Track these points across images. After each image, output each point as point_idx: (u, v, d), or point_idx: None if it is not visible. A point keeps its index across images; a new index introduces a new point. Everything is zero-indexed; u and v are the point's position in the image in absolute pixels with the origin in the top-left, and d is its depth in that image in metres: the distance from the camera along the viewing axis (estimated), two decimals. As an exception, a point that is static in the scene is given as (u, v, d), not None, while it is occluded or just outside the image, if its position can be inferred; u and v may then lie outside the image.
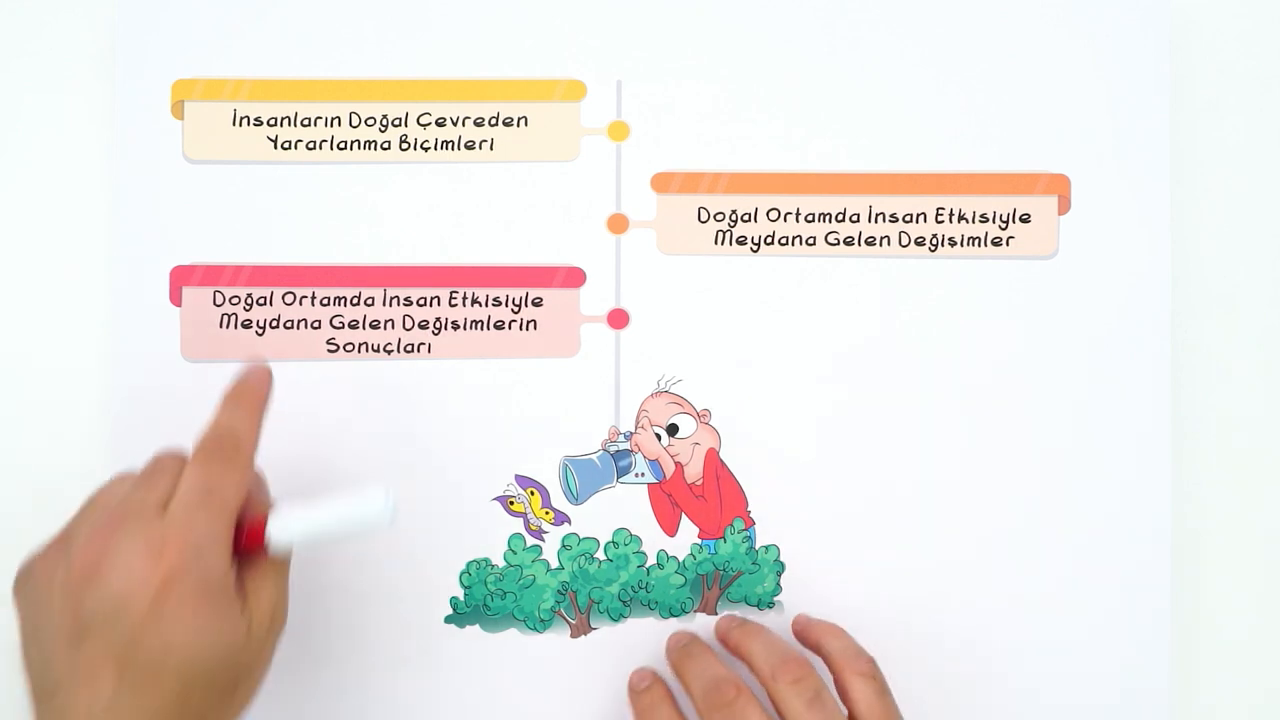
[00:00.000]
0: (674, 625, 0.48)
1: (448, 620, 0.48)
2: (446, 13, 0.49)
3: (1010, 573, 0.48)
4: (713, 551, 0.49)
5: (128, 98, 0.48)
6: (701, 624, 0.48)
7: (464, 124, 0.49)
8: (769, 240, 0.49)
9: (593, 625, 0.48)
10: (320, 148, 0.49)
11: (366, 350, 0.48)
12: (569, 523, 0.48)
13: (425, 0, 0.49)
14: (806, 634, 0.46)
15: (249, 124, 0.49)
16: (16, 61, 0.50)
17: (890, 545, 0.48)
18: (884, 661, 0.47)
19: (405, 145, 0.49)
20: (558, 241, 0.49)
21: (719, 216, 0.49)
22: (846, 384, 0.49)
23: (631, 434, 0.49)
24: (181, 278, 0.48)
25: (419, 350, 0.48)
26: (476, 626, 0.48)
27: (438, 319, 0.48)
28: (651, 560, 0.49)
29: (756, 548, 0.49)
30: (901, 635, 0.48)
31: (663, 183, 0.49)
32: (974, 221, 0.49)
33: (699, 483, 0.49)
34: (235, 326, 0.48)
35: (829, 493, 0.48)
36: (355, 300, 0.48)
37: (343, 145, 0.49)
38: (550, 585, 0.48)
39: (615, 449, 0.49)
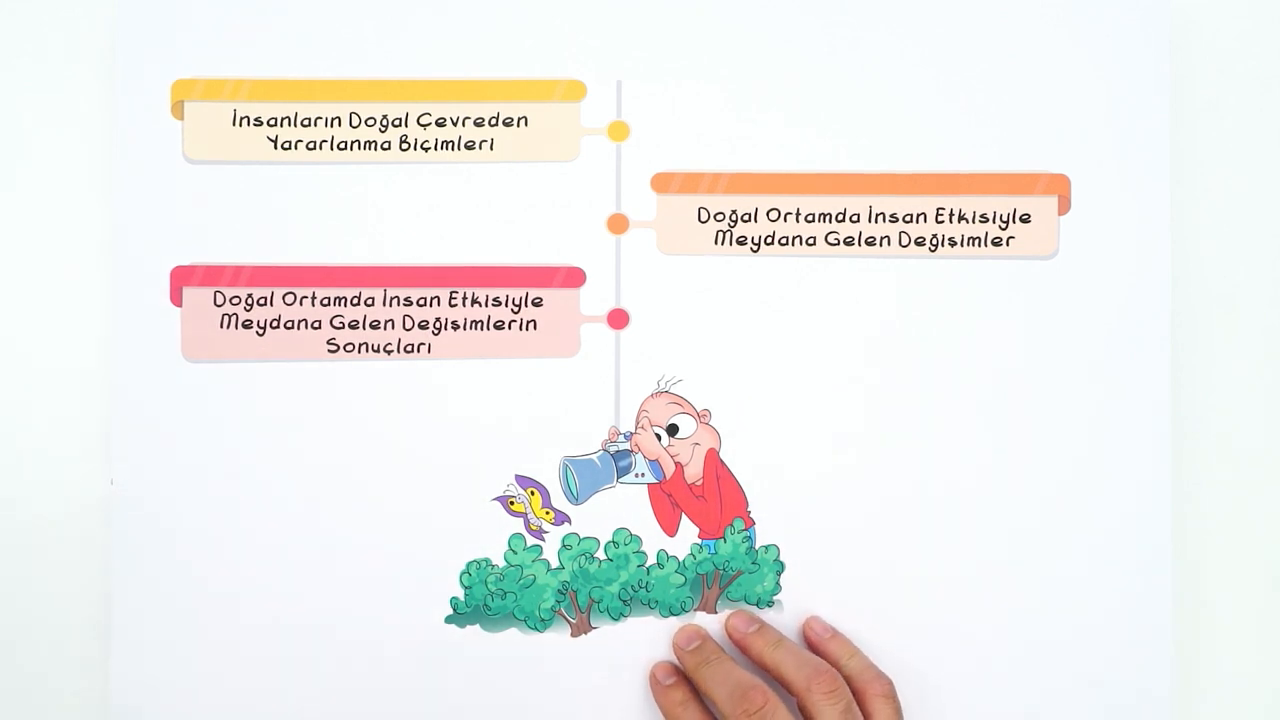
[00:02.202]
0: (674, 624, 0.48)
1: (448, 620, 0.48)
2: (447, 12, 0.49)
3: (1009, 572, 0.49)
4: (713, 551, 0.49)
5: (128, 98, 0.48)
6: (701, 622, 0.48)
7: (464, 124, 0.49)
8: (769, 240, 0.49)
9: (593, 624, 0.48)
10: (320, 148, 0.49)
11: (366, 350, 0.48)
12: (569, 523, 0.48)
13: (426, 0, 0.49)
14: (823, 649, 0.47)
15: (249, 124, 0.49)
16: (16, 61, 0.50)
17: (889, 545, 0.48)
18: (884, 661, 0.47)
19: (405, 145, 0.49)
20: (558, 241, 0.49)
21: (719, 216, 0.49)
22: (846, 384, 0.49)
23: (631, 434, 0.49)
24: (182, 278, 0.48)
25: (419, 350, 0.48)
26: (476, 626, 0.48)
27: (438, 319, 0.48)
28: (651, 560, 0.49)
29: (756, 548, 0.49)
30: (901, 636, 0.48)
31: (663, 183, 0.49)
32: (974, 221, 0.49)
33: (699, 483, 0.49)
34: (236, 327, 0.48)
35: (829, 492, 0.48)
36: (355, 300, 0.48)
37: (343, 145, 0.49)
38: (550, 585, 0.48)
39: (615, 449, 0.49)
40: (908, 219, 0.49)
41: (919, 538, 0.48)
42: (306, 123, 0.49)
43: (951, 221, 0.49)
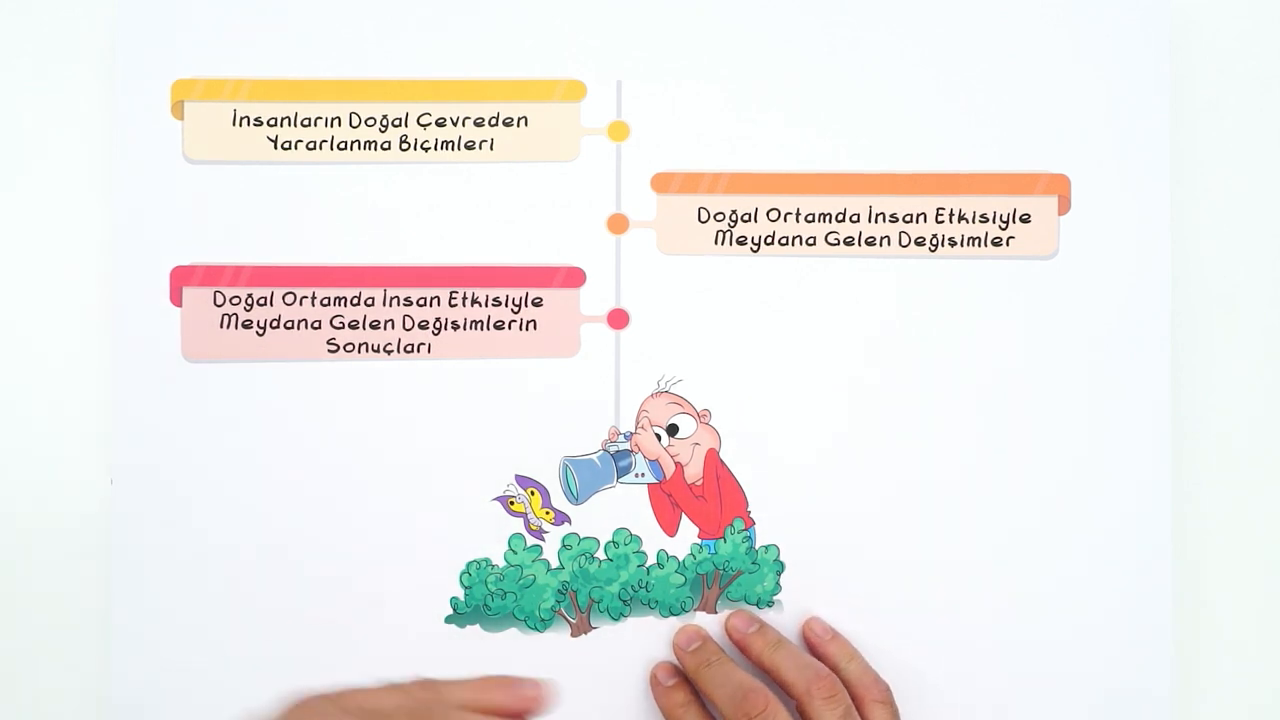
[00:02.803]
0: (674, 624, 0.48)
1: (448, 620, 0.48)
2: (446, 13, 0.49)
3: (1009, 572, 0.48)
4: (713, 551, 0.49)
5: (128, 98, 0.48)
6: (701, 623, 0.48)
7: (464, 124, 0.49)
8: (769, 240, 0.49)
9: (593, 624, 0.48)
10: (320, 148, 0.49)
11: (366, 350, 0.48)
12: (569, 523, 0.48)
13: (425, 0, 0.49)
14: (823, 651, 0.47)
15: (249, 124, 0.48)
16: (16, 61, 0.50)
17: (890, 545, 0.48)
18: (883, 662, 0.47)
19: (405, 145, 0.49)
20: (558, 241, 0.49)
21: (719, 216, 0.49)
22: (846, 384, 0.49)
23: (631, 434, 0.49)
24: (181, 278, 0.48)
25: (419, 350, 0.48)
26: (476, 626, 0.48)
27: (438, 319, 0.48)
28: (651, 560, 0.49)
29: (756, 547, 0.49)
30: (901, 636, 0.48)
31: (663, 183, 0.49)
32: (974, 221, 0.49)
33: (699, 483, 0.49)
34: (235, 327, 0.48)
35: (829, 492, 0.48)
36: (355, 300, 0.48)
37: (343, 145, 0.49)
38: (550, 585, 0.48)
39: (615, 449, 0.49)
40: (908, 219, 0.49)
41: (919, 538, 0.48)
42: (306, 123, 0.49)
43: (951, 221, 0.49)
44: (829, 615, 0.48)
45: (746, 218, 0.49)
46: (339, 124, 0.49)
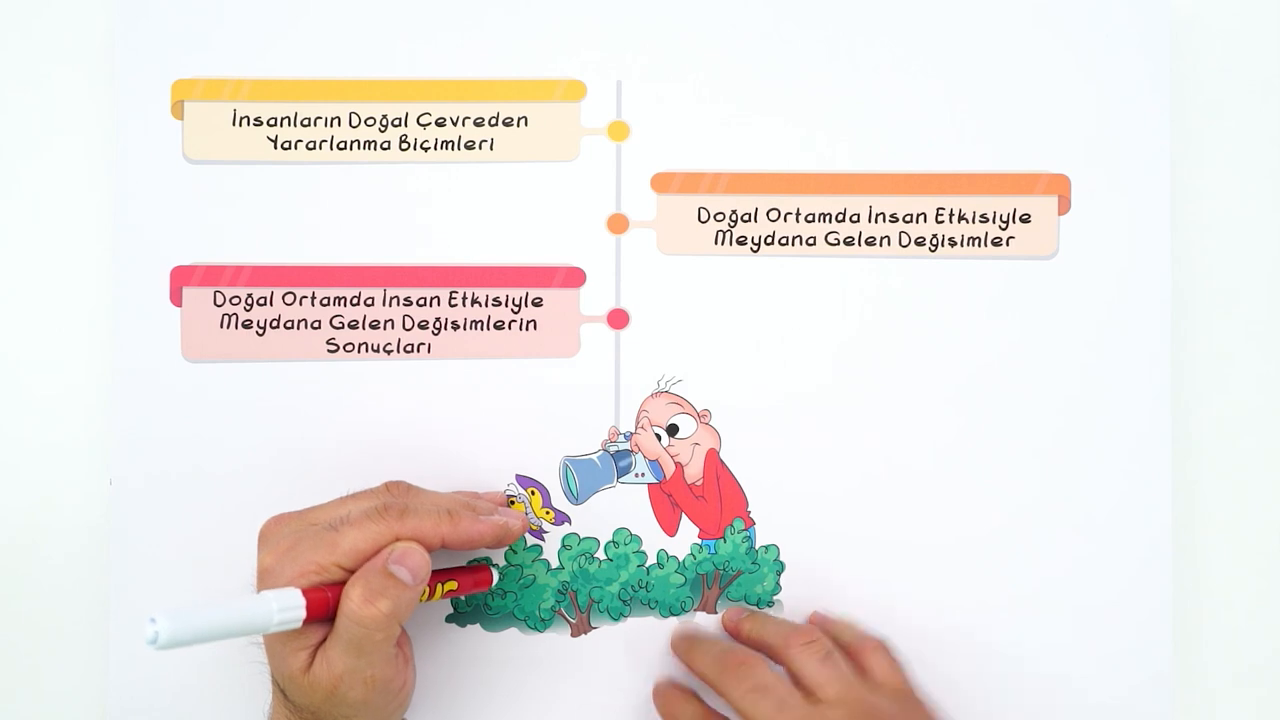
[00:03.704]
0: (674, 624, 0.48)
1: (448, 620, 0.48)
2: (446, 13, 0.49)
3: (1010, 572, 0.49)
4: (713, 551, 0.49)
5: (128, 98, 0.48)
6: (702, 622, 0.48)
7: (464, 124, 0.49)
8: (769, 240, 0.49)
9: (593, 624, 0.48)
10: (320, 148, 0.49)
11: (366, 350, 0.48)
12: (569, 522, 0.48)
13: (425, 0, 0.49)
14: (823, 627, 0.47)
15: (249, 124, 0.49)
16: (16, 61, 0.50)
17: (890, 545, 0.48)
18: (884, 661, 0.47)
19: (405, 145, 0.49)
20: (558, 241, 0.49)
21: (719, 216, 0.49)
22: (846, 384, 0.49)
23: (631, 434, 0.49)
24: (181, 278, 0.48)
25: (419, 350, 0.48)
26: (477, 626, 0.48)
27: (438, 319, 0.48)
28: (651, 560, 0.49)
29: (756, 548, 0.49)
30: (901, 634, 0.48)
31: (663, 183, 0.49)
32: (974, 221, 0.49)
33: (699, 483, 0.49)
34: (235, 327, 0.48)
35: (829, 493, 0.48)
36: (355, 300, 0.48)
37: (343, 145, 0.49)
38: (550, 585, 0.48)
39: (615, 449, 0.49)
40: (908, 219, 0.49)
41: (920, 537, 0.48)
42: (306, 123, 0.49)
43: (951, 221, 0.49)
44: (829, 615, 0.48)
45: (746, 218, 0.49)
46: (339, 124, 0.49)
